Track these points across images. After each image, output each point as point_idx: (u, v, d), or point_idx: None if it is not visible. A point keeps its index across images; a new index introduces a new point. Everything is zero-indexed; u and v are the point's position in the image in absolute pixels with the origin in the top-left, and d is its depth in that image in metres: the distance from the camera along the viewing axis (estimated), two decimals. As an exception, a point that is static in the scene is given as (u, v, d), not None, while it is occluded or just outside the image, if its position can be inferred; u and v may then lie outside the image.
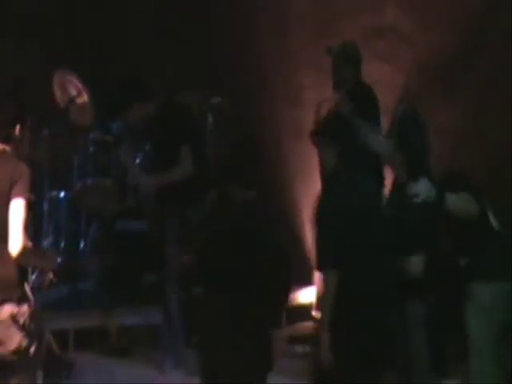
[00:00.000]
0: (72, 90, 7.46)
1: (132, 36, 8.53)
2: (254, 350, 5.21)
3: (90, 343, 7.29)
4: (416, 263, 5.70)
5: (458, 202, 5.37)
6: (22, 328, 5.20)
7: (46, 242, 7.86)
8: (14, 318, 5.17)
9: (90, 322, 7.50)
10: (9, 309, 5.08)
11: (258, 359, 5.23)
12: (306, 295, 8.09)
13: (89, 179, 7.71)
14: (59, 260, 7.55)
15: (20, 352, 5.20)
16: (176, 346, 6.97)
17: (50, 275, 7.00)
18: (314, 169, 6.17)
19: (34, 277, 6.94)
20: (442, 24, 7.65)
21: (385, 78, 7.57)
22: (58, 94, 7.35)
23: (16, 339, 5.19)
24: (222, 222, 5.35)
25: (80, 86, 7.39)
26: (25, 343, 5.20)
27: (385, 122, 6.53)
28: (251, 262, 5.14)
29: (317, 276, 7.86)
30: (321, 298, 6.81)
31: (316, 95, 7.52)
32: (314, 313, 8.27)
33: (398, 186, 5.84)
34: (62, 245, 7.93)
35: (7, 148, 5.23)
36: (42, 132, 7.35)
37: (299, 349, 7.48)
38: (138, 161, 7.45)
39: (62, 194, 8.01)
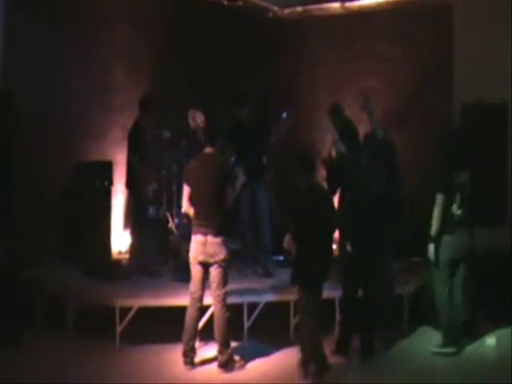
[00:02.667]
0: (198, 120, 9.93)
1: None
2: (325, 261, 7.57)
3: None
4: None
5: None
6: (226, 247, 7.65)
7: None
8: (223, 241, 7.65)
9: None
10: (220, 237, 7.65)
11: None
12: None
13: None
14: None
15: (225, 261, 7.66)
16: (249, 260, 9.83)
17: (184, 219, 10.06)
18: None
19: (176, 220, 10.31)
20: (398, 86, 10.95)
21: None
22: (190, 122, 9.93)
23: (223, 253, 7.68)
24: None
25: (203, 118, 9.88)
26: (227, 257, 7.68)
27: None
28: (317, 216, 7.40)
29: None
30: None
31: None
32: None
33: None
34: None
35: (214, 151, 7.79)
36: (182, 143, 10.41)
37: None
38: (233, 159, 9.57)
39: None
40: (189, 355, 7.89)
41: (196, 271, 7.83)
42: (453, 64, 10.35)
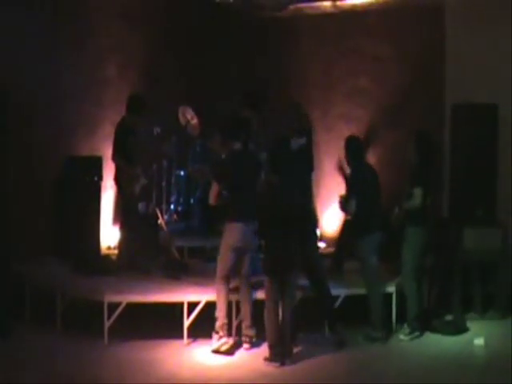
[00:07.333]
0: (188, 116, 10.52)
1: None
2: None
3: (195, 255, 10.30)
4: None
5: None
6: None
7: (173, 199, 11.03)
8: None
9: (196, 242, 10.31)
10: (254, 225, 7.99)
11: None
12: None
13: (196, 165, 10.49)
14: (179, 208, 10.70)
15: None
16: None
17: (174, 216, 10.59)
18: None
19: (166, 216, 10.53)
20: (389, 86, 11.07)
21: (362, 116, 10.85)
22: (180, 118, 10.41)
23: (255, 240, 8.16)
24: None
25: (193, 114, 10.49)
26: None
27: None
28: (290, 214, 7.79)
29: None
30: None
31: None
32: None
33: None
34: (181, 200, 10.94)
35: (241, 145, 8.01)
36: (172, 138, 10.52)
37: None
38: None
39: (182, 173, 10.93)
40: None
41: (231, 257, 8.12)
42: (444, 64, 10.45)
